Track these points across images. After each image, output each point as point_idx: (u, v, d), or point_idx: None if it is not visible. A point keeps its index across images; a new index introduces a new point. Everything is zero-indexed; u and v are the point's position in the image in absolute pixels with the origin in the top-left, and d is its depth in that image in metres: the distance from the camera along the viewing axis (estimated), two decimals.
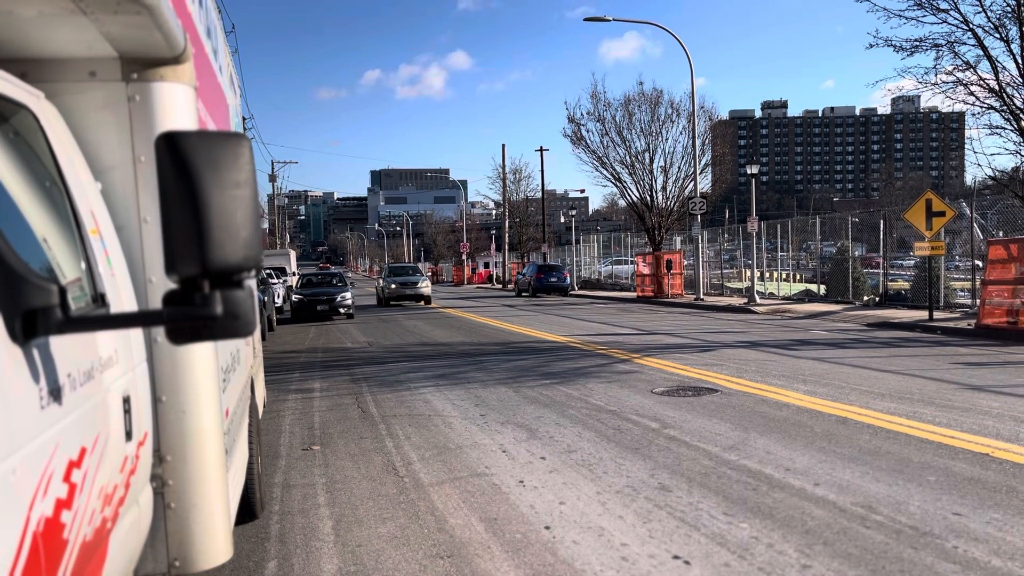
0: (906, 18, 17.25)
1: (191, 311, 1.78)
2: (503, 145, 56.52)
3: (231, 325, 1.82)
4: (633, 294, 34.71)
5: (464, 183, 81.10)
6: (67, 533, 1.85)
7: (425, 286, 32.50)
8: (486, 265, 70.51)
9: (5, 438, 1.58)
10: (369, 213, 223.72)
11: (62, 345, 1.96)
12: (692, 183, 30.95)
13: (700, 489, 5.35)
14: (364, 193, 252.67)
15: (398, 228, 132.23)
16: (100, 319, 1.95)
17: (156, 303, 2.96)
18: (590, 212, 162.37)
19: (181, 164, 1.75)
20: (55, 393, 1.87)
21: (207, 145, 1.79)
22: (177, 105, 3.01)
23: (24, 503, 1.62)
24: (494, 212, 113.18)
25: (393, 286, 32.43)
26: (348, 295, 25.31)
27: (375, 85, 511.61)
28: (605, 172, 36.54)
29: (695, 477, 5.64)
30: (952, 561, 3.94)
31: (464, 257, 67.70)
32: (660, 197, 35.13)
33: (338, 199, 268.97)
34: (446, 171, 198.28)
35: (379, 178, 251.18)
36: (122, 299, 2.67)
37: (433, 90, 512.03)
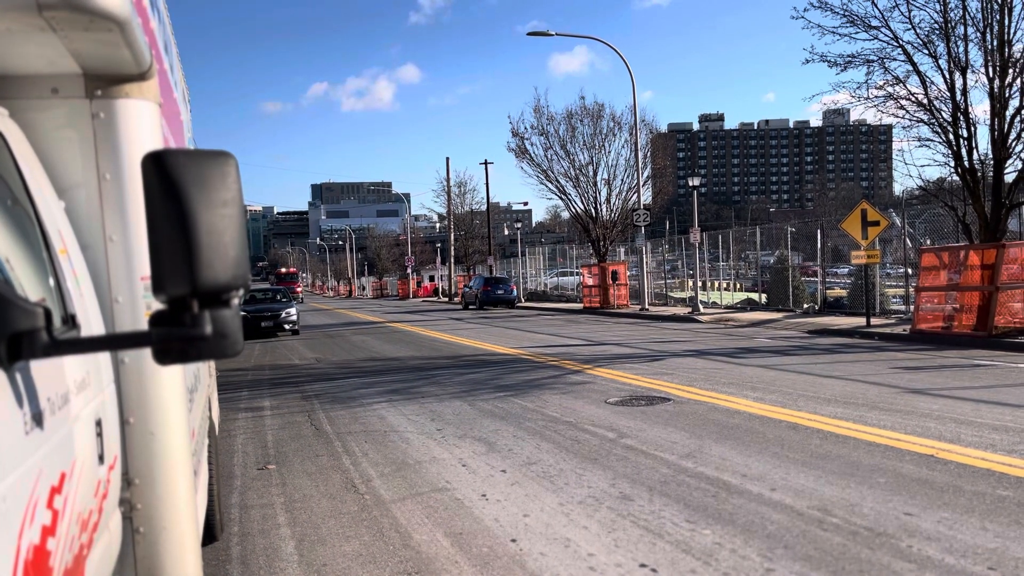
0: (839, 35, 17.81)
1: (180, 332, 1.76)
2: (447, 158, 56.55)
3: (219, 345, 1.81)
4: (579, 305, 34.98)
5: (408, 196, 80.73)
6: (52, 561, 1.80)
7: None
8: (431, 279, 70.25)
9: None
10: (310, 227, 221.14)
11: (41, 368, 1.92)
12: (635, 195, 31.38)
13: (661, 497, 5.42)
14: (305, 207, 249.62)
15: (340, 242, 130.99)
16: (87, 341, 1.90)
17: (123, 323, 2.90)
18: (533, 224, 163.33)
19: (169, 184, 1.73)
20: (37, 418, 1.83)
21: (194, 164, 1.77)
22: (142, 122, 2.96)
23: (14, 532, 1.58)
24: (438, 225, 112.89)
25: None
26: (293, 311, 25.07)
27: (322, 98, 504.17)
28: (550, 185, 36.93)
29: (655, 486, 5.72)
30: (907, 560, 4.08)
31: (409, 271, 67.31)
32: (604, 209, 35.60)
33: (278, 213, 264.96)
34: (388, 184, 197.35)
35: (320, 192, 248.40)
36: (90, 319, 2.62)
37: (382, 103, 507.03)
